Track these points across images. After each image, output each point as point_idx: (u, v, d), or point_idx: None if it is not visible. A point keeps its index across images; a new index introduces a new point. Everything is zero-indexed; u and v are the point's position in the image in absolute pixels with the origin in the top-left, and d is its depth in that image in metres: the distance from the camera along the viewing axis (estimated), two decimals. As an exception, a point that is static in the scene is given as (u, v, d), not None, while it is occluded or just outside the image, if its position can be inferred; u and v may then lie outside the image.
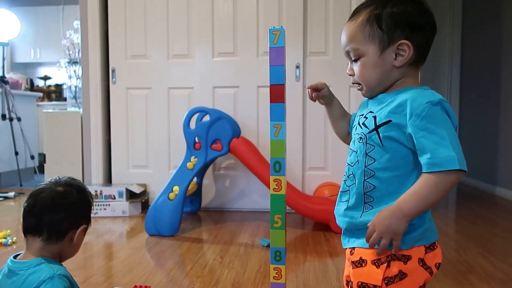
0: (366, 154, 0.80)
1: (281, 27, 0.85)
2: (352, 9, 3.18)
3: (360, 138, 0.81)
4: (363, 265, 0.80)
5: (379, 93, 0.84)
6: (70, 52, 3.33)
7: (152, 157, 2.96)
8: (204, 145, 2.32)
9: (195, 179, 2.69)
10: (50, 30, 5.75)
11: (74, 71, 3.34)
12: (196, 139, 2.35)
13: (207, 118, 2.39)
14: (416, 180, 0.76)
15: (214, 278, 1.65)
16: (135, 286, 1.30)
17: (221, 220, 2.64)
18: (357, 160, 0.81)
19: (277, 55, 0.85)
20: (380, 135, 0.78)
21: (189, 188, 2.38)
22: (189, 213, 2.77)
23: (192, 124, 2.40)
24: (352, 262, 0.83)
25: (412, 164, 0.78)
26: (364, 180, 0.80)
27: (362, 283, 0.79)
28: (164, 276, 1.67)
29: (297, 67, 2.80)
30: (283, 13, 2.81)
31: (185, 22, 2.88)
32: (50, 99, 6.02)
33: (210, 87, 2.88)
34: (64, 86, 5.46)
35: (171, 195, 2.26)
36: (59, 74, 4.65)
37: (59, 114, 3.23)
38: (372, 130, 0.79)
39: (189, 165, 2.29)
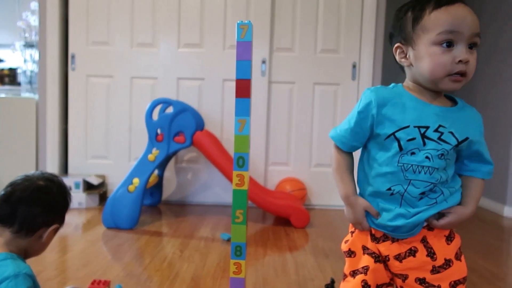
0: (444, 169, 0.82)
1: (249, 21, 0.85)
2: (320, 8, 3.19)
3: (442, 154, 0.80)
4: (451, 264, 0.84)
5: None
6: (26, 35, 3.14)
7: (112, 147, 2.87)
8: (167, 137, 2.28)
9: (156, 172, 2.64)
10: (4, 10, 5.41)
11: (30, 55, 3.17)
12: (159, 131, 2.30)
13: (170, 109, 2.35)
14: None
15: (173, 272, 1.63)
16: (94, 280, 1.26)
17: (182, 214, 2.61)
18: (441, 176, 0.81)
19: (244, 49, 0.85)
20: (458, 149, 0.83)
21: (149, 180, 2.34)
22: (149, 206, 2.72)
23: (155, 116, 2.35)
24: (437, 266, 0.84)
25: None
26: (450, 193, 0.84)
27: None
28: (121, 270, 1.64)
29: (263, 62, 2.81)
30: (251, 7, 2.80)
31: (150, 10, 2.80)
32: (3, 83, 5.68)
33: (174, 78, 2.83)
34: (19, 71, 5.17)
35: (131, 187, 2.20)
36: (14, 58, 4.38)
37: (12, 99, 3.06)
38: (455, 146, 0.81)
39: (151, 157, 2.25)
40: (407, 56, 0.83)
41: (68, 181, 2.60)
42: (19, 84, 5.56)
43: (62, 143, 2.91)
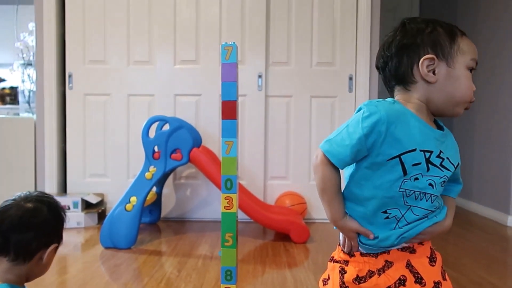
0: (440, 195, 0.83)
1: (234, 43, 0.84)
2: (314, 19, 3.23)
3: (444, 182, 0.79)
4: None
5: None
6: (24, 55, 3.17)
7: (110, 165, 2.86)
8: (164, 154, 2.27)
9: (154, 189, 2.62)
10: (3, 30, 5.48)
11: (28, 75, 3.19)
12: (156, 148, 2.29)
13: (167, 127, 2.35)
14: None
15: (170, 293, 1.61)
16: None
17: (181, 231, 2.59)
18: (439, 203, 0.82)
19: (229, 71, 0.84)
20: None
21: (147, 198, 2.32)
22: (148, 224, 2.70)
23: (152, 133, 2.34)
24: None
25: None
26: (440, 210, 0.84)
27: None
28: (117, 292, 1.61)
29: (260, 76, 2.81)
30: (246, 22, 2.81)
31: (146, 27, 2.82)
32: (4, 103, 5.72)
33: (171, 94, 2.84)
34: (19, 90, 5.21)
35: (128, 206, 2.19)
36: (13, 77, 4.43)
37: (10, 119, 3.07)
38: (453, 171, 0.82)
39: (148, 175, 2.23)
40: (435, 72, 0.78)
41: (66, 200, 2.59)
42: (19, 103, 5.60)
43: (60, 162, 2.90)
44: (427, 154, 0.76)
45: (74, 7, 2.82)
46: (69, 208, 2.59)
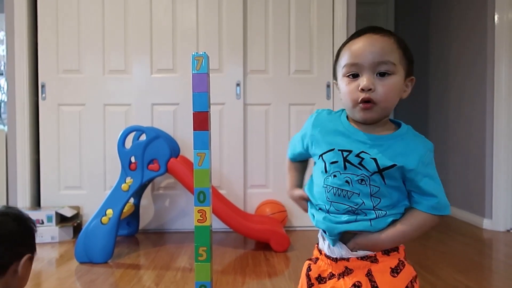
0: (371, 195, 0.81)
1: (205, 53, 0.83)
2: (292, 27, 3.24)
3: (362, 180, 0.80)
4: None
5: (378, 120, 0.83)
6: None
7: (86, 177, 2.79)
8: (140, 165, 2.22)
9: (131, 200, 2.57)
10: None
11: (-1, 85, 3.09)
12: (132, 159, 2.25)
13: (144, 137, 2.31)
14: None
15: (147, 308, 1.56)
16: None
17: (160, 242, 2.53)
18: (363, 202, 0.81)
19: (200, 81, 0.83)
20: (384, 176, 0.80)
21: (124, 210, 2.27)
22: (126, 236, 2.64)
23: (129, 143, 2.30)
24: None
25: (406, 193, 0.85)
26: (376, 215, 0.82)
27: None
28: (92, 309, 1.56)
29: (238, 85, 2.80)
30: (223, 31, 2.81)
31: (122, 36, 2.78)
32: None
33: (148, 104, 2.79)
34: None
35: (104, 219, 2.13)
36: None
37: (-20, 131, 2.96)
38: (375, 173, 0.80)
39: (124, 186, 2.18)
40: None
41: (40, 214, 2.51)
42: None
43: (33, 175, 2.81)
44: (345, 153, 0.82)
45: (47, 15, 2.76)
46: (42, 222, 2.50)
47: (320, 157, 0.84)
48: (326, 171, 0.83)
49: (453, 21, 3.25)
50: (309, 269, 0.90)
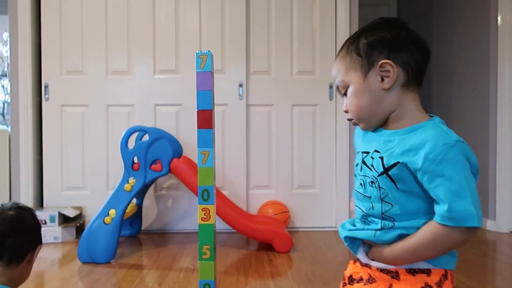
0: (382, 199, 0.73)
1: (209, 51, 0.83)
2: (294, 28, 3.25)
3: (372, 182, 0.75)
4: None
5: (377, 125, 0.78)
6: (-2, 66, 3.09)
7: (89, 178, 2.80)
8: (143, 165, 2.23)
9: (134, 201, 2.57)
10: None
11: (2, 86, 3.11)
12: (135, 159, 2.25)
13: (147, 137, 2.31)
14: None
15: (150, 308, 1.56)
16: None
17: (162, 243, 2.53)
18: (372, 206, 0.75)
19: (204, 80, 0.83)
20: (392, 178, 0.72)
21: (127, 210, 2.27)
22: (129, 237, 2.64)
23: (131, 144, 2.30)
24: None
25: (428, 204, 0.72)
26: (382, 226, 0.75)
27: None
28: (95, 308, 1.56)
29: (240, 85, 2.80)
30: (226, 32, 2.81)
31: (125, 37, 2.79)
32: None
33: (151, 105, 2.80)
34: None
35: (107, 219, 2.13)
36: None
37: (-16, 132, 2.97)
38: (381, 174, 0.73)
39: (127, 186, 2.19)
40: None
41: (42, 214, 2.51)
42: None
43: (36, 175, 2.82)
44: (364, 155, 0.79)
45: (50, 16, 2.77)
46: (45, 223, 2.51)
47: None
48: (354, 175, 0.83)
49: (456, 22, 3.25)
50: (348, 267, 0.87)
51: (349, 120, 0.81)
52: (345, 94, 0.81)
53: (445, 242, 0.69)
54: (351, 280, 0.83)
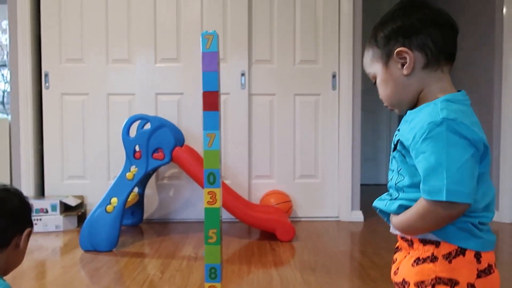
0: (398, 171, 0.80)
1: (214, 31, 0.81)
2: (297, 19, 3.21)
3: (393, 157, 0.82)
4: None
5: (410, 107, 0.82)
6: (-2, 54, 3.06)
7: (90, 166, 2.78)
8: (145, 154, 2.21)
9: (136, 190, 2.56)
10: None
11: (2, 75, 3.08)
12: (137, 148, 2.24)
13: (148, 126, 2.29)
14: None
15: (152, 295, 1.56)
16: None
17: (164, 232, 2.53)
18: (392, 177, 0.83)
19: (210, 60, 0.81)
20: (402, 152, 0.78)
21: (129, 199, 2.26)
22: (130, 226, 2.64)
23: (133, 132, 2.28)
24: (395, 283, 0.82)
25: None
26: (392, 197, 0.82)
27: None
28: (97, 296, 1.55)
29: (243, 74, 2.78)
30: (228, 20, 2.78)
31: (125, 25, 2.75)
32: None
33: (152, 93, 2.78)
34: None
35: (109, 208, 2.12)
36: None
37: (-16, 121, 2.96)
38: (394, 149, 0.81)
39: (129, 175, 2.17)
40: None
41: (44, 203, 2.51)
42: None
43: (37, 164, 2.81)
44: (395, 135, 0.85)
45: (50, 4, 2.73)
46: (47, 211, 2.50)
47: None
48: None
49: (461, 14, 3.21)
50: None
51: (386, 106, 0.86)
52: (375, 84, 0.86)
53: (431, 215, 0.71)
54: (396, 248, 0.87)
